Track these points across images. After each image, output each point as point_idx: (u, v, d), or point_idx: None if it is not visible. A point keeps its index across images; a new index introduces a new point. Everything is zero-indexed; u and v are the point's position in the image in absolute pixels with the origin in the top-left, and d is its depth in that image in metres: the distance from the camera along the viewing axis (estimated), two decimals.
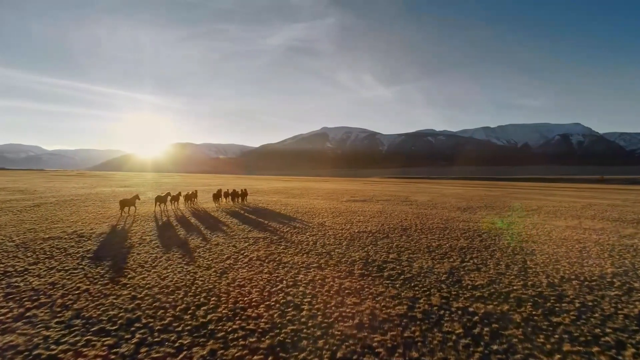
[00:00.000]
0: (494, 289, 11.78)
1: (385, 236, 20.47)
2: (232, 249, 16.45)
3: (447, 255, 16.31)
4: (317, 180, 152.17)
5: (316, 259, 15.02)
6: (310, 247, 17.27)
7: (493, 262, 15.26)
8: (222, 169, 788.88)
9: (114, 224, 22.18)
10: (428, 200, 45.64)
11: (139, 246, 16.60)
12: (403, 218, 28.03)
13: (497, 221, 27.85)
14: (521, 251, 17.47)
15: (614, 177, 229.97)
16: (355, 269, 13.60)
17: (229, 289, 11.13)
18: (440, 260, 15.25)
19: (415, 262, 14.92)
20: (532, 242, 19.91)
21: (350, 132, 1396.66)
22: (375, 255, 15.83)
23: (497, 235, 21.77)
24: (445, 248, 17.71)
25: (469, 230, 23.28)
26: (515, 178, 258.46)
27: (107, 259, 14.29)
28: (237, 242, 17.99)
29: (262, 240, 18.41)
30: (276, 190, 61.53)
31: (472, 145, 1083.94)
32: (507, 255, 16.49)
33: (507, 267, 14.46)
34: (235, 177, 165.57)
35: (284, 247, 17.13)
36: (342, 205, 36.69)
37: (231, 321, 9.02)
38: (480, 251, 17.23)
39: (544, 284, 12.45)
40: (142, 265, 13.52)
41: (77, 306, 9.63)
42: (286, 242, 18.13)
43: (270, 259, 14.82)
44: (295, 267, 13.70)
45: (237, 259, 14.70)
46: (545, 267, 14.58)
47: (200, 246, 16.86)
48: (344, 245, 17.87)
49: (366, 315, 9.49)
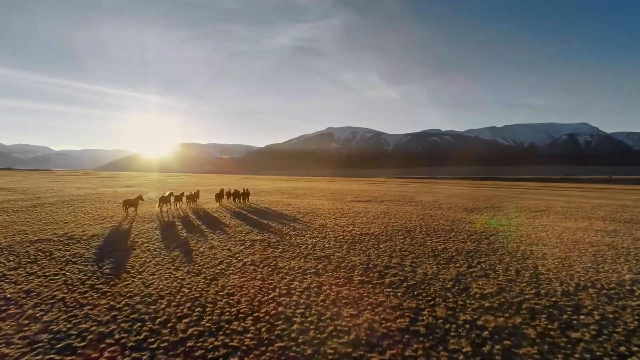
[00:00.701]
0: (505, 298, 10.85)
1: (388, 239, 19.59)
2: (227, 252, 15.62)
3: (453, 259, 15.41)
4: (322, 180, 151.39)
5: (314, 263, 14.16)
6: (309, 250, 16.42)
7: (502, 267, 14.32)
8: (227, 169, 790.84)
9: (107, 226, 21.44)
10: (433, 201, 44.67)
11: (129, 249, 15.81)
12: (407, 219, 27.14)
13: (505, 222, 26.89)
14: (531, 255, 16.52)
15: (622, 177, 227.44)
16: (355, 275, 12.71)
17: (217, 298, 10.27)
18: (445, 265, 14.35)
19: (419, 267, 14.02)
20: (543, 245, 18.94)
21: (356, 132, 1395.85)
22: (377, 260, 14.94)
23: (505, 237, 20.82)
24: (451, 252, 16.81)
25: (475, 232, 22.35)
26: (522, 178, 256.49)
27: (92, 263, 13.50)
28: (232, 245, 17.18)
29: (259, 243, 17.59)
30: (280, 190, 60.80)
31: (478, 145, 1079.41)
32: (516, 260, 15.55)
33: (518, 273, 13.52)
34: (240, 177, 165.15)
35: (281, 250, 16.28)
36: (346, 206, 35.85)
37: (213, 336, 8.14)
38: (488, 255, 16.31)
39: (559, 292, 11.50)
40: (128, 270, 12.71)
41: (47, 318, 8.79)
42: (284, 245, 17.28)
43: (265, 263, 13.97)
44: (290, 273, 12.84)
45: (230, 263, 13.87)
46: (559, 273, 13.63)
47: (193, 249, 16.05)
48: (345, 248, 16.99)
49: (363, 330, 8.59)
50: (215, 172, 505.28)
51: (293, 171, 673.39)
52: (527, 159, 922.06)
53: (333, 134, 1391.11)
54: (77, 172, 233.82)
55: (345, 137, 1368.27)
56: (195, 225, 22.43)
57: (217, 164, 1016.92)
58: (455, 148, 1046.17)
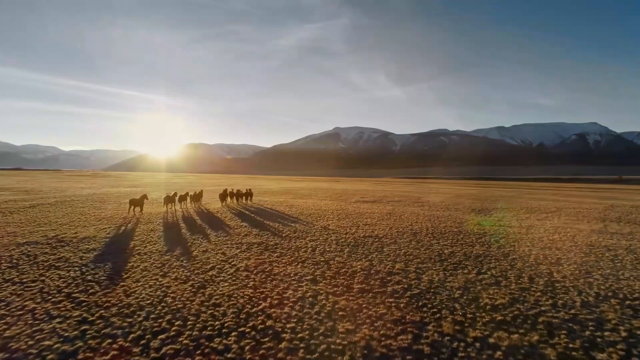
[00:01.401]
0: (518, 310, 9.85)
1: (392, 241, 18.63)
2: (220, 256, 14.74)
3: (461, 265, 14.41)
4: (329, 180, 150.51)
5: (312, 269, 13.23)
6: (308, 254, 15.50)
7: (514, 273, 13.30)
8: (234, 169, 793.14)
9: (102, 227, 20.68)
10: (441, 201, 43.61)
11: (119, 253, 15.00)
12: (414, 221, 26.16)
13: (515, 224, 25.80)
14: (545, 260, 15.47)
15: (632, 177, 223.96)
16: (355, 283, 11.77)
17: (201, 309, 9.36)
18: (453, 272, 13.36)
19: (424, 273, 13.04)
20: (556, 249, 17.88)
21: (363, 132, 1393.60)
22: (379, 265, 13.99)
23: (516, 240, 19.77)
24: (459, 256, 15.81)
25: (485, 234, 21.32)
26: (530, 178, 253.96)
27: (76, 269, 12.67)
28: (228, 248, 16.32)
29: (256, 247, 16.70)
30: (285, 190, 60.04)
31: (486, 145, 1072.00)
32: (529, 265, 14.52)
33: (531, 281, 12.50)
34: (246, 177, 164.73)
35: (279, 254, 15.38)
36: (350, 207, 34.95)
37: (190, 357, 7.22)
38: (499, 260, 15.29)
39: (578, 303, 10.47)
40: (112, 277, 11.86)
41: (9, 333, 7.91)
42: (282, 249, 16.38)
43: (259, 269, 13.06)
44: (285, 280, 11.92)
45: (222, 269, 12.98)
46: (576, 281, 12.58)
47: (186, 253, 15.20)
48: (346, 252, 16.05)
49: (360, 349, 7.58)
50: (222, 172, 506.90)
51: (300, 171, 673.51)
52: (536, 159, 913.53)
53: (340, 134, 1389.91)
54: (86, 172, 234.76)
55: (352, 137, 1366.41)
56: (193, 227, 21.67)
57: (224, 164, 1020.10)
58: (463, 148, 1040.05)
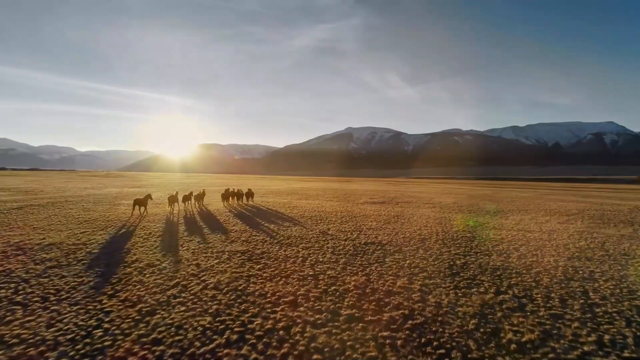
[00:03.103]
0: (554, 352, 7.45)
1: (397, 249, 16.32)
2: (192, 269, 12.55)
3: (475, 280, 12.02)
4: (340, 180, 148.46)
5: (295, 287, 10.96)
6: (296, 266, 13.23)
7: (541, 293, 10.88)
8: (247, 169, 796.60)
9: (77, 232, 18.65)
10: (453, 203, 41.08)
11: (74, 264, 12.84)
12: (423, 224, 23.79)
13: (535, 229, 23.28)
14: (575, 274, 13.00)
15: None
16: (344, 307, 9.48)
17: (133, 348, 7.15)
18: (466, 290, 10.99)
19: (431, 293, 10.68)
20: (586, 259, 15.39)
21: (375, 132, 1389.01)
22: (378, 281, 11.66)
23: (538, 248, 17.28)
24: (473, 268, 13.42)
25: (502, 241, 18.85)
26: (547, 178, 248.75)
27: (10, 286, 10.56)
28: (205, 258, 14.14)
29: (239, 256, 14.48)
30: (292, 191, 58.12)
31: (500, 145, 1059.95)
32: (557, 282, 12.07)
33: (564, 303, 10.09)
34: (257, 178, 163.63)
35: (262, 266, 13.13)
36: (356, 208, 32.71)
37: None
38: (521, 274, 12.87)
39: (629, 339, 8.02)
40: (47, 297, 9.69)
41: None
42: (267, 259, 14.14)
43: (231, 287, 10.83)
44: (258, 302, 9.67)
45: (186, 286, 10.77)
46: (620, 304, 10.11)
47: (153, 265, 13.03)
48: (341, 263, 13.75)
49: None
50: (234, 172, 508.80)
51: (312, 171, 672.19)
52: (552, 158, 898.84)
53: (352, 134, 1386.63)
54: (100, 172, 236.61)
55: (365, 137, 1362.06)
56: (182, 230, 19.66)
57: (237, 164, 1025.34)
58: (477, 148, 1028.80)
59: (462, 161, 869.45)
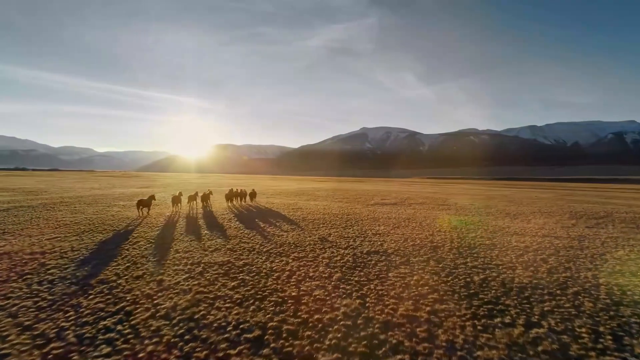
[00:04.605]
0: None
1: (404, 261, 13.96)
2: (151, 287, 10.32)
3: (498, 305, 9.59)
4: (353, 181, 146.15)
5: (268, 316, 8.62)
6: (278, 284, 10.92)
7: (586, 325, 8.43)
8: (261, 169, 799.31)
9: (46, 238, 16.76)
10: (469, 204, 38.42)
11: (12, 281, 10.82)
12: (436, 229, 21.37)
13: (561, 234, 20.70)
14: (624, 296, 10.46)
15: None
16: (324, 349, 7.15)
17: None
18: (488, 320, 8.59)
19: (442, 325, 8.30)
20: (631, 274, 12.82)
21: (390, 132, 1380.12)
22: (374, 307, 9.31)
23: (570, 259, 14.72)
24: (494, 287, 10.99)
25: (527, 250, 16.31)
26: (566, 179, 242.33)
27: None
28: (175, 271, 11.91)
29: (214, 270, 12.20)
30: (301, 191, 56.05)
31: (517, 145, 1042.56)
32: (604, 307, 9.55)
33: (619, 343, 7.66)
34: (271, 178, 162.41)
35: (237, 283, 10.84)
36: (365, 210, 30.42)
37: None
38: (554, 296, 10.41)
39: None
40: None
41: None
42: (247, 274, 11.85)
43: (187, 314, 8.54)
44: (211, 339, 7.40)
45: (130, 314, 8.45)
46: None
47: (106, 282, 10.76)
48: (334, 280, 11.40)
49: None
50: (249, 172, 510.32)
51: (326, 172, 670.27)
52: (571, 158, 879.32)
53: (367, 134, 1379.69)
54: (116, 172, 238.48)
55: (380, 137, 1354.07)
56: (161, 237, 17.54)
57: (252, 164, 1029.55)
58: (493, 148, 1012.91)
59: (478, 161, 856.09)
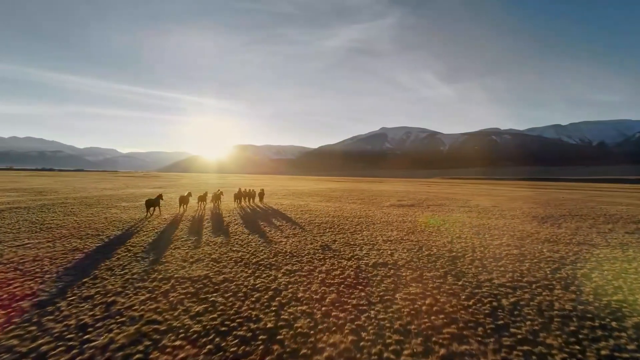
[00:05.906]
0: None
1: (417, 277, 11.65)
2: (95, 313, 8.31)
3: (538, 344, 7.25)
4: (371, 181, 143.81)
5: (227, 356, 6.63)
6: (256, 309, 8.70)
7: None
8: (281, 169, 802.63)
9: (19, 244, 15.13)
10: (492, 206, 35.75)
11: None
12: (455, 235, 19.01)
13: (599, 241, 18.09)
14: None
15: None
16: None
17: None
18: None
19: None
20: None
21: (410, 132, 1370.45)
22: (372, 348, 7.00)
23: (618, 275, 12.17)
24: (530, 316, 8.61)
25: (564, 262, 13.81)
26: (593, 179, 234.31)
27: None
28: (136, 290, 9.74)
29: (183, 287, 9.99)
30: (315, 192, 54.18)
31: (540, 144, 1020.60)
32: None
33: None
34: (289, 178, 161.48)
35: (203, 309, 8.56)
36: (379, 213, 28.25)
37: None
38: (609, 330, 8.00)
39: None
40: None
41: None
42: (222, 294, 9.62)
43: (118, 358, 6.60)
44: None
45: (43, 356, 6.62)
46: None
47: (45, 304, 8.94)
48: (327, 304, 9.15)
49: None
50: (268, 172, 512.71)
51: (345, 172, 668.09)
52: (596, 158, 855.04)
53: (386, 134, 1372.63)
54: (138, 173, 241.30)
55: (399, 137, 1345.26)
56: (147, 243, 15.63)
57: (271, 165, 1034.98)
58: (516, 147, 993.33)
59: (500, 161, 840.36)
